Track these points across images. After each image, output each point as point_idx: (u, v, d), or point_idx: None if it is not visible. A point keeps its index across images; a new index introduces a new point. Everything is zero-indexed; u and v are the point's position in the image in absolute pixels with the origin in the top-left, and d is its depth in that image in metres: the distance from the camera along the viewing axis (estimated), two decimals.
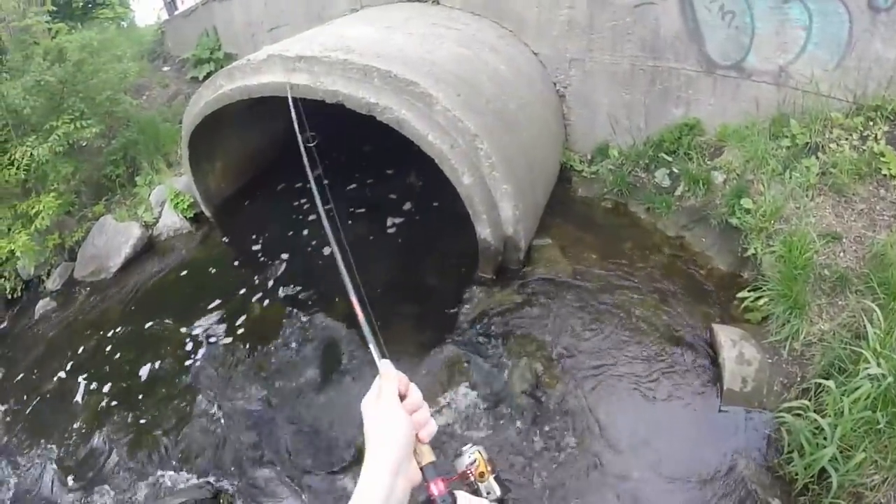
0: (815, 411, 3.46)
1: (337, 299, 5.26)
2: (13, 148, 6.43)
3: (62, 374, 5.60)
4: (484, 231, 4.59)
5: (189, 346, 5.31)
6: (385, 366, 1.15)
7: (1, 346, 6.58)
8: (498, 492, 1.16)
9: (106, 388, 5.22)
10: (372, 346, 1.25)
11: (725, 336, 4.16)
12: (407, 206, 6.26)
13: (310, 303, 5.38)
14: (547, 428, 3.95)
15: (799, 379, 3.89)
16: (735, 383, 3.95)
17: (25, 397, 5.60)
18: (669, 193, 5.52)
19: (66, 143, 6.52)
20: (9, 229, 6.61)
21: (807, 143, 4.85)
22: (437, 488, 1.03)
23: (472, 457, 1.19)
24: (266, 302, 5.54)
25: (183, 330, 5.49)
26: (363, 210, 6.38)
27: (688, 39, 5.28)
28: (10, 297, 7.06)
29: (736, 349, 4.06)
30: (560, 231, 5.51)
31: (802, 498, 3.36)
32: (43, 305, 6.71)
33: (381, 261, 5.56)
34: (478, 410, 4.09)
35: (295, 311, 5.31)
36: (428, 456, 1.08)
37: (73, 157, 6.88)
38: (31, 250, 6.48)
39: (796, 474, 3.39)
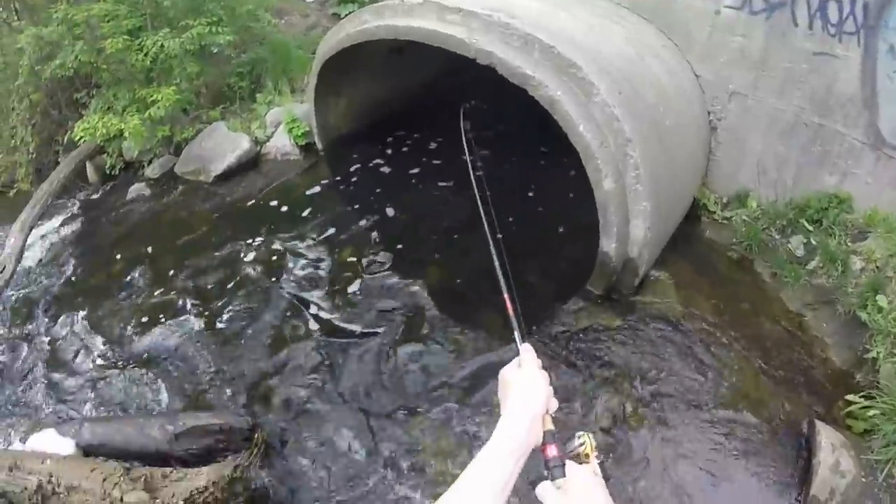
0: None
1: (428, 267, 5.07)
2: (146, 36, 6.51)
3: (136, 262, 5.64)
4: (609, 245, 4.24)
5: (264, 270, 5.22)
6: (527, 347, 1.43)
7: (89, 214, 6.77)
8: (599, 473, 1.28)
9: (173, 285, 5.21)
10: (516, 332, 1.55)
11: (827, 438, 3.68)
12: (521, 193, 5.93)
13: (398, 261, 5.20)
14: (617, 472, 3.62)
15: None
16: (823, 492, 3.50)
17: (98, 272, 5.69)
18: (801, 265, 4.98)
19: (198, 44, 6.55)
20: (123, 110, 6.74)
21: None
22: (552, 452, 1.22)
23: (581, 440, 1.33)
24: (355, 249, 5.37)
25: (263, 252, 5.41)
26: (486, 177, 6.10)
27: (861, 105, 4.67)
28: (108, 172, 7.26)
29: (834, 456, 3.58)
30: (677, 269, 5.07)
31: None
32: (137, 189, 6.85)
33: (482, 241, 5.21)
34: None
35: (381, 264, 5.15)
36: (548, 424, 1.27)
37: (201, 58, 6.91)
38: (140, 134, 6.57)
39: None
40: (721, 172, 5.78)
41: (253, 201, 6.24)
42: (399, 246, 5.39)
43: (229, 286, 5.12)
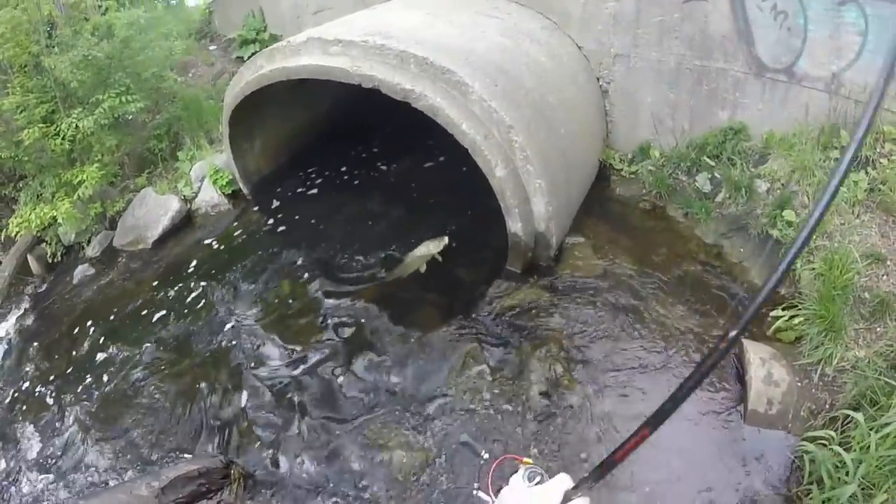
0: (840, 444, 3.29)
1: (367, 284, 5.33)
2: (60, 119, 6.62)
3: (95, 336, 5.80)
4: (515, 225, 4.54)
5: (219, 317, 5.44)
6: (563, 479, 1.16)
7: (40, 306, 6.85)
8: None
9: (136, 353, 5.38)
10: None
11: (755, 353, 3.98)
12: (444, 193, 6.22)
13: (339, 283, 5.43)
14: (557, 432, 3.89)
15: (828, 406, 3.72)
16: (760, 404, 3.78)
17: (58, 357, 5.82)
18: (710, 199, 5.35)
19: (111, 117, 6.66)
20: (53, 196, 6.84)
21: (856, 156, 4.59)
22: None
23: None
24: (296, 280, 5.61)
25: (214, 301, 5.63)
26: (398, 193, 6.41)
27: (737, 39, 5.08)
28: (50, 260, 7.35)
29: (765, 368, 3.88)
30: (594, 230, 5.41)
31: None
32: (82, 270, 6.94)
33: (412, 246, 5.56)
34: (489, 406, 4.08)
35: (324, 291, 5.37)
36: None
37: (117, 130, 7.03)
38: (73, 217, 6.71)
39: None
40: (620, 131, 6.16)
41: (193, 257, 6.43)
42: (334, 267, 5.65)
43: (184, 340, 5.34)
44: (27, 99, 6.59)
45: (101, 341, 5.73)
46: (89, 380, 5.37)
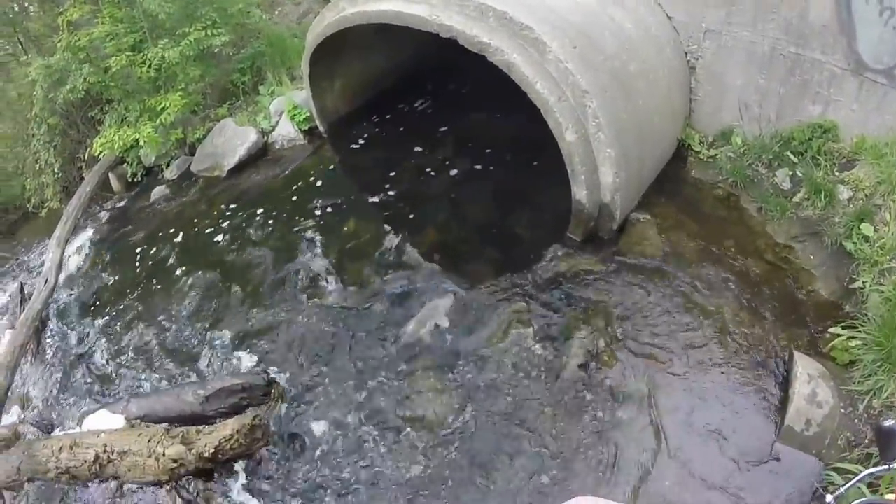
0: (868, 485, 3.04)
1: (427, 228, 5.48)
2: (147, 49, 6.94)
3: (165, 252, 6.20)
4: (580, 192, 4.47)
5: (282, 246, 5.72)
6: None
7: (118, 221, 7.33)
8: None
9: (200, 272, 5.73)
10: None
11: (804, 368, 3.74)
12: (516, 150, 6.16)
13: (402, 227, 5.57)
14: (589, 408, 3.87)
15: (867, 442, 3.47)
16: (798, 423, 3.58)
17: (130, 267, 6.26)
18: (787, 197, 5.03)
19: (196, 49, 6.93)
20: (136, 120, 7.23)
21: None
22: None
23: None
24: (361, 220, 5.79)
25: (281, 232, 5.90)
26: (471, 145, 6.39)
27: (838, 31, 4.63)
28: (130, 180, 7.81)
29: (810, 386, 3.65)
30: (663, 210, 5.22)
31: None
32: (159, 191, 7.37)
33: (478, 199, 5.68)
34: (527, 371, 4.10)
35: (388, 233, 5.54)
36: None
37: (202, 61, 7.29)
38: (155, 141, 7.08)
39: None
40: (704, 111, 5.84)
41: (265, 188, 6.70)
42: (400, 211, 5.79)
43: (248, 264, 5.65)
44: (116, 28, 6.93)
45: (169, 257, 6.11)
46: (155, 291, 5.77)
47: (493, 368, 4.18)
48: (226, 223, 6.26)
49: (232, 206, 6.52)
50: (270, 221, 6.07)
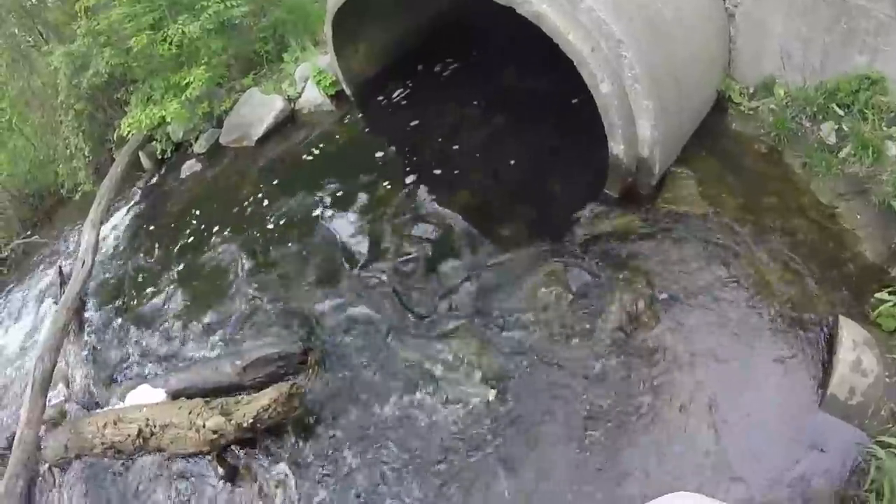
0: None
1: (460, 189, 5.40)
2: (167, 26, 6.89)
3: (199, 225, 6.29)
4: (617, 147, 4.33)
5: (315, 213, 5.75)
6: None
7: (151, 197, 7.42)
8: None
9: (233, 245, 5.80)
10: None
11: (849, 334, 3.58)
12: (549, 107, 5.96)
13: (434, 189, 5.52)
14: (627, 372, 3.79)
15: None
16: (842, 391, 3.44)
17: (165, 243, 6.35)
18: (833, 153, 4.76)
19: (216, 22, 6.87)
20: (162, 98, 7.24)
21: None
22: None
23: None
24: (393, 183, 5.75)
25: (312, 199, 5.92)
26: (501, 104, 6.23)
27: None
28: (160, 157, 7.87)
29: (856, 353, 3.49)
30: (702, 165, 5.02)
31: None
32: (190, 166, 7.42)
33: (512, 158, 5.55)
34: (560, 332, 4.04)
35: (420, 195, 5.50)
36: None
37: (223, 34, 7.23)
38: (182, 116, 7.11)
39: None
40: (744, 61, 5.56)
41: (294, 155, 6.72)
42: (431, 172, 5.72)
43: (281, 234, 5.71)
44: (134, 9, 6.90)
45: (203, 230, 6.19)
46: (190, 265, 5.86)
47: (528, 329, 4.13)
48: (258, 193, 6.31)
49: (263, 174, 6.55)
50: (300, 189, 6.09)
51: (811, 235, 4.46)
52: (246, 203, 6.22)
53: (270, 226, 5.80)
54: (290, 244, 5.52)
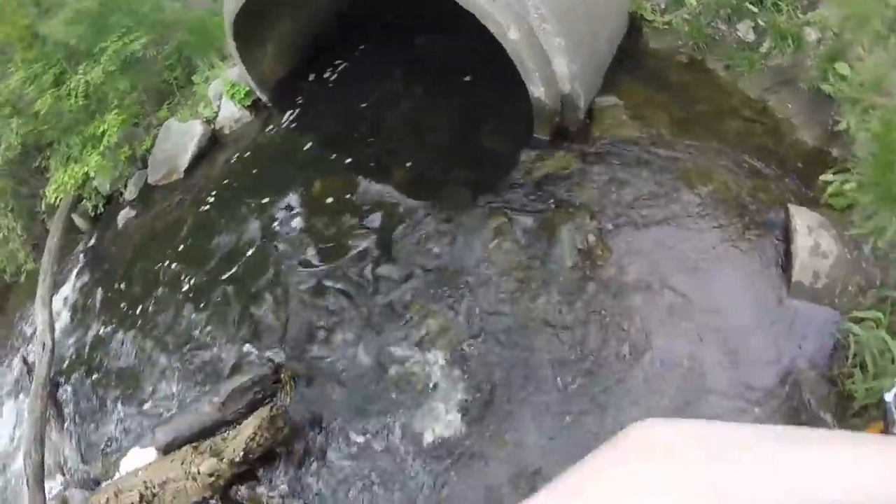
0: (887, 327, 3.02)
1: (393, 168, 5.32)
2: (69, 79, 6.59)
3: (146, 275, 6.06)
4: (537, 90, 4.26)
5: (255, 231, 5.60)
6: None
7: (94, 260, 7.16)
8: None
9: (185, 283, 5.62)
10: None
11: (802, 220, 3.63)
12: (467, 67, 5.88)
13: (367, 173, 5.43)
14: (593, 307, 3.80)
15: (878, 283, 3.40)
16: (805, 276, 3.49)
17: (117, 302, 6.13)
18: (753, 50, 4.81)
19: (118, 61, 6.56)
20: (81, 153, 6.92)
21: None
22: None
23: None
24: (326, 177, 5.64)
25: (251, 216, 5.76)
26: (419, 72, 6.15)
27: None
28: (93, 214, 7.51)
29: (812, 238, 3.54)
30: (628, 89, 5.00)
31: (858, 420, 3.01)
32: (124, 215, 7.10)
33: (439, 124, 5.49)
34: (522, 286, 4.03)
35: (354, 183, 5.39)
36: None
37: (127, 71, 6.91)
38: (104, 168, 6.78)
39: (856, 392, 3.03)
40: None
41: (223, 176, 6.52)
42: (362, 157, 5.59)
43: (226, 256, 5.55)
44: (33, 70, 6.59)
45: (150, 279, 5.96)
46: (147, 315, 5.66)
47: (492, 289, 4.11)
48: (196, 224, 6.11)
49: (197, 205, 6.35)
50: (239, 206, 5.93)
51: (747, 133, 4.48)
52: (187, 238, 6.03)
53: (215, 255, 5.63)
54: (237, 268, 5.36)
